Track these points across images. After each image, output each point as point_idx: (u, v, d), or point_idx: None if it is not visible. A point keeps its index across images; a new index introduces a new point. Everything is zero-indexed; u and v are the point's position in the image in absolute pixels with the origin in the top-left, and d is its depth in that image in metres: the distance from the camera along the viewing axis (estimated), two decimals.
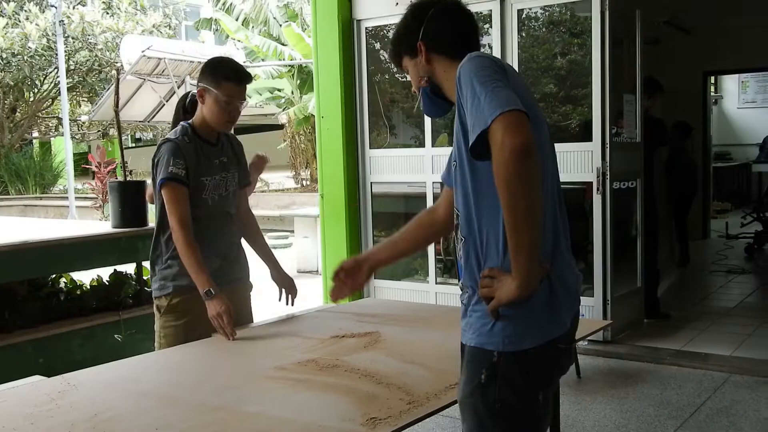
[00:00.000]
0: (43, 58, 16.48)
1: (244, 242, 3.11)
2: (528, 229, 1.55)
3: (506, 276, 1.62)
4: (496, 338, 1.67)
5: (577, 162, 5.09)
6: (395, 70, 7.04)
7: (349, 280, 2.15)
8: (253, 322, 3.03)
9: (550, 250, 1.70)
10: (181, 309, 2.86)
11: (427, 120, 5.74)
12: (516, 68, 5.24)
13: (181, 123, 2.91)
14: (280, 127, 16.32)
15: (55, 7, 14.84)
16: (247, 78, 2.87)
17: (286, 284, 3.10)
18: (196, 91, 2.84)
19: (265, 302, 3.41)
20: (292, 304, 3.11)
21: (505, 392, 1.67)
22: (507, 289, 1.61)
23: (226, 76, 2.79)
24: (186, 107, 3.64)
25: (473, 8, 5.67)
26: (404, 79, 7.08)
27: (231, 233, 2.98)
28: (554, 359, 1.72)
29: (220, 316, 2.66)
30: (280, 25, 14.67)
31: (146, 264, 4.61)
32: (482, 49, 1.91)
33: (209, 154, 2.88)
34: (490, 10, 5.38)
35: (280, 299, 3.10)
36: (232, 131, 3.09)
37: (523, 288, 1.59)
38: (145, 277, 4.66)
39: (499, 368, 1.67)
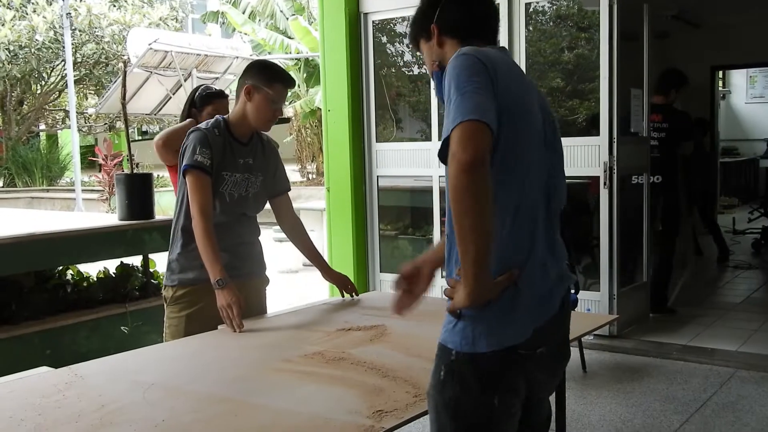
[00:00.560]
0: (50, 50, 16.50)
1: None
2: (473, 241, 1.53)
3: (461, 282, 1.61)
4: (456, 337, 1.67)
5: (584, 156, 5.08)
6: (402, 63, 7.04)
7: (413, 288, 1.98)
8: (266, 314, 3.04)
9: (523, 256, 1.68)
10: (184, 301, 2.89)
11: (434, 113, 5.73)
12: (523, 62, 5.30)
13: (217, 116, 2.94)
14: (287, 120, 16.32)
15: (62, 0, 14.85)
16: (294, 82, 2.98)
17: (340, 282, 3.18)
18: (243, 88, 2.84)
19: (272, 296, 3.41)
20: (357, 295, 3.19)
21: (459, 392, 1.67)
22: (459, 296, 1.61)
23: (278, 77, 2.85)
24: (194, 101, 3.64)
25: None
26: (411, 73, 7.08)
27: (242, 233, 2.98)
28: (513, 364, 1.67)
29: (230, 307, 2.67)
30: (287, 19, 14.64)
31: (153, 256, 4.65)
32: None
33: (236, 152, 2.89)
34: (498, 4, 5.36)
35: (343, 296, 3.17)
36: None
37: (472, 297, 1.58)
38: (151, 270, 4.68)
39: (456, 367, 1.67)
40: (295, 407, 1.88)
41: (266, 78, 2.84)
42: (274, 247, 8.59)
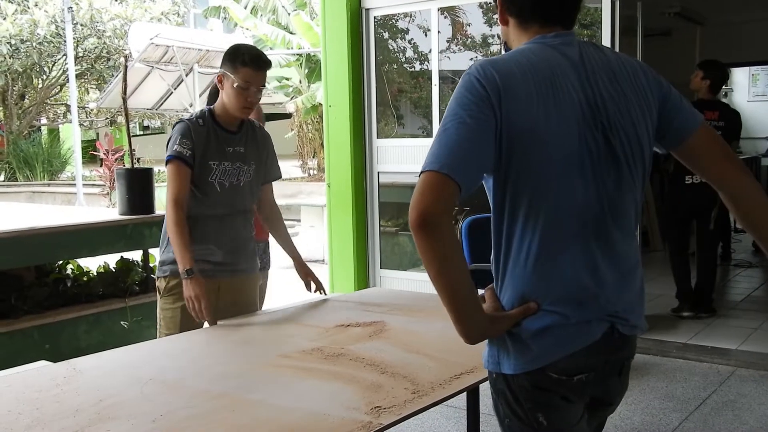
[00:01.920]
0: (52, 44, 16.50)
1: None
2: (441, 292, 1.49)
3: None
4: (486, 356, 1.64)
5: None
6: (404, 59, 7.03)
7: None
8: (260, 310, 3.04)
9: (548, 291, 1.55)
10: (178, 292, 2.86)
11: (435, 110, 5.72)
12: None
13: (204, 107, 2.93)
14: (288, 116, 16.31)
15: None
16: (265, 64, 2.86)
17: (309, 276, 3.15)
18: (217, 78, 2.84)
19: (271, 291, 3.42)
20: (324, 293, 3.15)
21: (508, 411, 1.63)
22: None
23: (243, 61, 2.79)
24: (212, 93, 3.65)
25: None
26: (412, 69, 7.07)
27: (238, 228, 2.96)
28: (544, 386, 1.57)
29: (197, 299, 2.69)
30: (289, 14, 14.62)
31: (153, 251, 4.65)
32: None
33: (223, 140, 2.87)
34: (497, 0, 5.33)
35: (308, 290, 3.15)
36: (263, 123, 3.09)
37: (464, 338, 1.54)
38: (151, 264, 4.67)
39: (498, 386, 1.63)
40: (292, 403, 1.88)
41: (233, 65, 2.80)
42: (274, 243, 8.60)
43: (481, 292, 1.61)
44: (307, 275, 3.14)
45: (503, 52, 1.70)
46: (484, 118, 1.47)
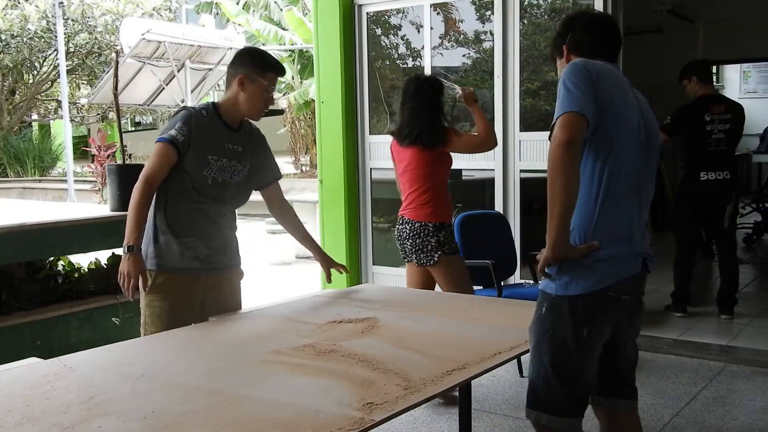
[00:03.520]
0: (43, 40, 16.40)
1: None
2: (560, 201, 2.01)
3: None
4: (552, 284, 2.17)
5: None
6: (396, 55, 7.02)
7: None
8: (240, 309, 3.01)
9: (609, 233, 2.15)
10: (166, 289, 2.84)
11: None
12: (517, 56, 5.28)
13: (209, 101, 2.94)
14: (281, 112, 16.27)
15: None
16: (285, 70, 3.03)
17: (328, 264, 3.24)
18: (235, 78, 2.83)
19: (265, 287, 3.40)
20: (346, 272, 3.30)
21: (556, 322, 2.16)
22: (545, 252, 2.09)
23: (270, 66, 2.87)
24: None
25: None
26: (405, 65, 7.06)
27: (224, 225, 2.95)
28: (601, 305, 2.15)
29: (129, 275, 2.72)
30: (281, 10, 14.59)
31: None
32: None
33: (223, 137, 2.87)
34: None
35: (329, 280, 3.22)
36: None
37: (551, 249, 2.06)
38: None
39: (554, 304, 2.16)
40: (285, 399, 1.88)
41: (259, 68, 2.83)
42: (268, 240, 8.59)
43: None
44: (329, 265, 3.23)
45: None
46: (591, 86, 2.09)
